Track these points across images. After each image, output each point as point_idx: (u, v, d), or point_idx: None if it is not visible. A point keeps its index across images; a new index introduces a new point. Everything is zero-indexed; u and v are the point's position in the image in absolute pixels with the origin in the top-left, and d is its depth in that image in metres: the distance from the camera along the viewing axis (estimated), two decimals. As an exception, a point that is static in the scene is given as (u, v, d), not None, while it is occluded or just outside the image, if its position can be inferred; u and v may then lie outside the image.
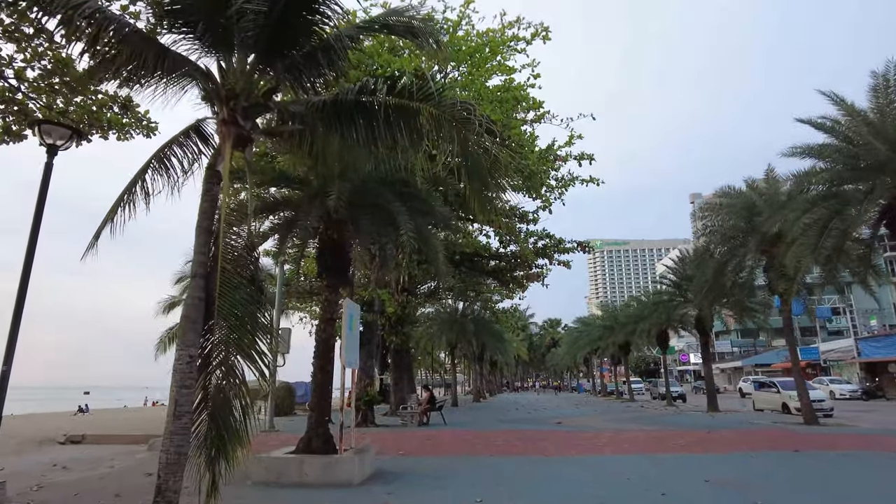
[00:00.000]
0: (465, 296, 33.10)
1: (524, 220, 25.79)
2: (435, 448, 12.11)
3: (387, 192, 9.68)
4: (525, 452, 11.25)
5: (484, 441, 12.98)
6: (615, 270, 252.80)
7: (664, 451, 11.07)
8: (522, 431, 14.69)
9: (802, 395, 15.07)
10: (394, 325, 22.64)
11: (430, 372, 56.85)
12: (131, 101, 10.77)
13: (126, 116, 10.38)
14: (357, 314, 10.33)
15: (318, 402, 9.81)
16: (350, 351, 9.69)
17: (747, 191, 15.18)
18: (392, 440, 13.47)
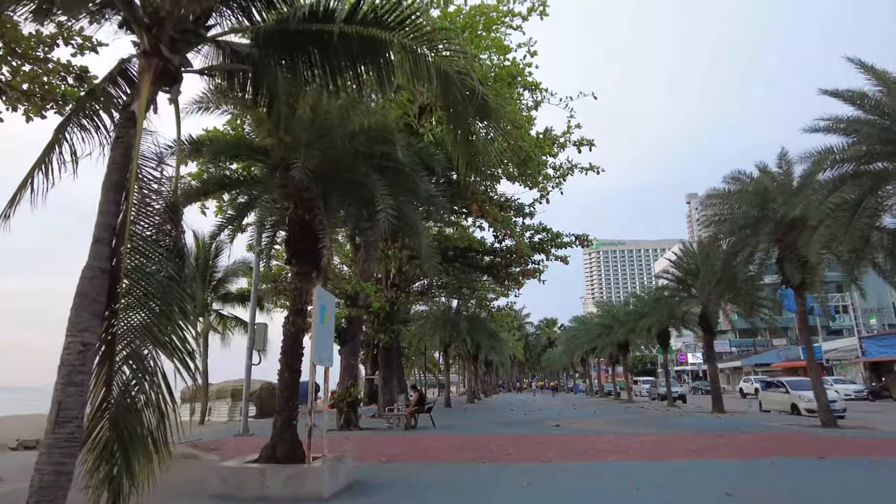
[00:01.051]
0: (458, 293, 31.95)
1: (520, 212, 24.77)
2: (421, 454, 10.97)
3: (363, 165, 8.52)
4: (521, 459, 10.13)
5: (476, 446, 11.84)
6: (611, 271, 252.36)
7: (675, 457, 9.96)
8: (518, 436, 13.56)
9: (820, 395, 13.99)
10: (382, 322, 21.48)
11: (423, 372, 55.65)
12: (87, 72, 9.58)
13: (83, 89, 9.23)
14: (331, 305, 9.17)
15: (285, 403, 8.64)
16: (322, 347, 8.53)
17: (760, 175, 14.09)
18: (375, 445, 12.31)
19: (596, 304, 57.84)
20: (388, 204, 7.83)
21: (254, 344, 14.26)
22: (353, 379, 14.88)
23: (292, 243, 9.10)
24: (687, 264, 21.50)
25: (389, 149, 9.00)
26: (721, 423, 16.05)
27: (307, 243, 8.97)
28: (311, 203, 8.47)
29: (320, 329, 8.45)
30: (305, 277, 8.92)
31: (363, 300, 15.41)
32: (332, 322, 9.16)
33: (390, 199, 7.94)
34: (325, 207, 8.05)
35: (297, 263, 9.10)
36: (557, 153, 17.61)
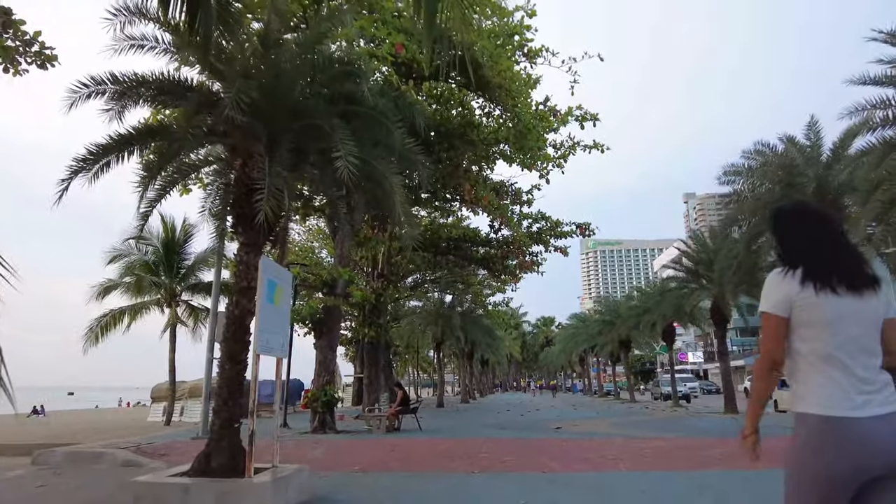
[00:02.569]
0: (452, 287, 30.34)
1: (517, 199, 23.24)
2: (401, 462, 9.35)
3: (323, 105, 6.89)
4: (517, 468, 8.54)
5: (465, 452, 10.23)
6: (608, 270, 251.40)
7: (699, 466, 8.38)
8: (514, 440, 11.94)
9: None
10: (368, 316, 19.86)
11: (416, 370, 54.03)
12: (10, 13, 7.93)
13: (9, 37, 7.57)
14: (285, 282, 7.51)
15: (224, 403, 7.01)
16: (268, 331, 6.89)
17: (787, 146, 12.52)
18: (349, 451, 10.68)
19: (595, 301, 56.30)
20: (350, 151, 6.19)
21: (214, 335, 12.56)
22: (329, 376, 13.24)
23: (237, 206, 7.45)
24: (697, 254, 19.93)
25: (356, 87, 7.39)
26: (739, 426, 14.46)
27: (253, 206, 7.33)
28: (251, 155, 6.85)
29: (266, 310, 6.81)
30: (254, 249, 7.27)
31: (342, 288, 13.77)
32: (286, 304, 7.52)
33: (353, 145, 6.31)
34: (269, 155, 6.41)
35: (244, 232, 7.46)
36: (558, 127, 16.00)
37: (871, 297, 1.68)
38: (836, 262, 1.73)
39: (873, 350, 1.67)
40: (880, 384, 1.64)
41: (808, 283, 1.69)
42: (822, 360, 1.67)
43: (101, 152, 6.83)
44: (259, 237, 7.50)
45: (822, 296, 1.66)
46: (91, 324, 16.69)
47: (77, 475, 8.50)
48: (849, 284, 1.67)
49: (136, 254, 17.50)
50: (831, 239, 1.79)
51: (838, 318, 1.65)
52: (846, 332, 1.65)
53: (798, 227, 1.84)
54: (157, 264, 17.65)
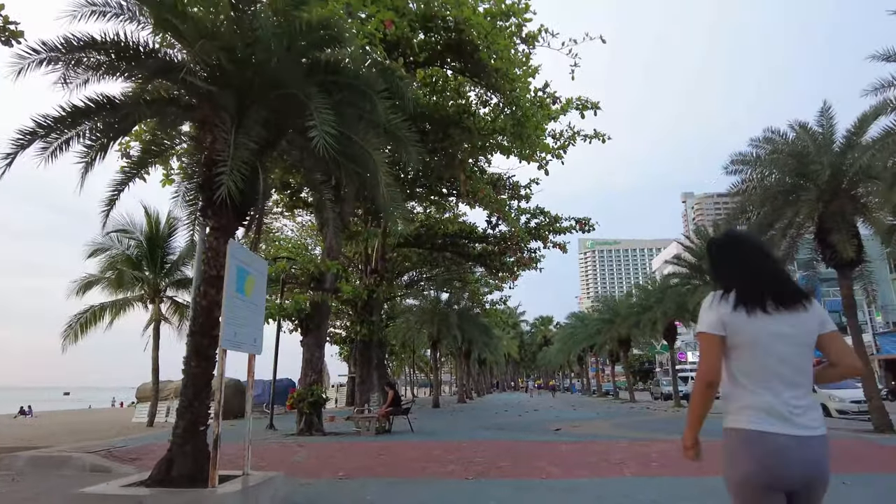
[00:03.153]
0: (449, 285, 29.66)
1: (516, 194, 22.68)
2: (390, 467, 8.68)
3: (300, 74, 6.21)
4: (515, 473, 7.87)
5: (459, 456, 9.56)
6: (606, 270, 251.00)
7: (710, 472, 7.66)
8: (511, 442, 11.27)
9: (874, 395, 11.80)
10: (360, 313, 19.18)
11: (412, 370, 53.33)
12: None
13: None
14: (258, 271, 6.83)
15: (190, 402, 6.35)
16: (237, 324, 6.23)
17: (800, 132, 11.86)
18: (335, 455, 10.01)
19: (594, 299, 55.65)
20: (326, 120, 5.52)
21: None
22: (316, 375, 12.55)
23: (206, 188, 6.75)
24: (700, 249, 19.28)
25: (338, 57, 6.72)
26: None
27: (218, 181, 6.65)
28: (223, 126, 6.16)
29: (235, 300, 6.14)
30: (224, 234, 6.59)
31: (330, 283, 13.08)
32: (259, 295, 6.83)
33: (330, 114, 5.63)
34: (236, 126, 5.73)
35: (214, 215, 6.78)
36: (557, 115, 15.34)
37: (802, 315, 1.72)
38: (766, 283, 1.77)
39: (803, 370, 1.71)
40: (805, 406, 1.71)
41: (740, 306, 1.72)
42: (753, 380, 1.70)
43: (52, 125, 6.14)
44: (229, 221, 6.82)
45: (753, 317, 1.70)
46: (70, 321, 15.97)
47: (36, 482, 7.83)
48: (779, 304, 1.71)
49: (118, 248, 16.79)
50: (761, 263, 1.83)
51: (769, 338, 1.68)
52: (777, 352, 1.68)
53: (730, 253, 1.88)
54: (141, 259, 16.92)
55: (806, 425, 1.69)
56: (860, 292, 13.05)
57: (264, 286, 7.12)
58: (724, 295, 1.81)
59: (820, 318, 1.76)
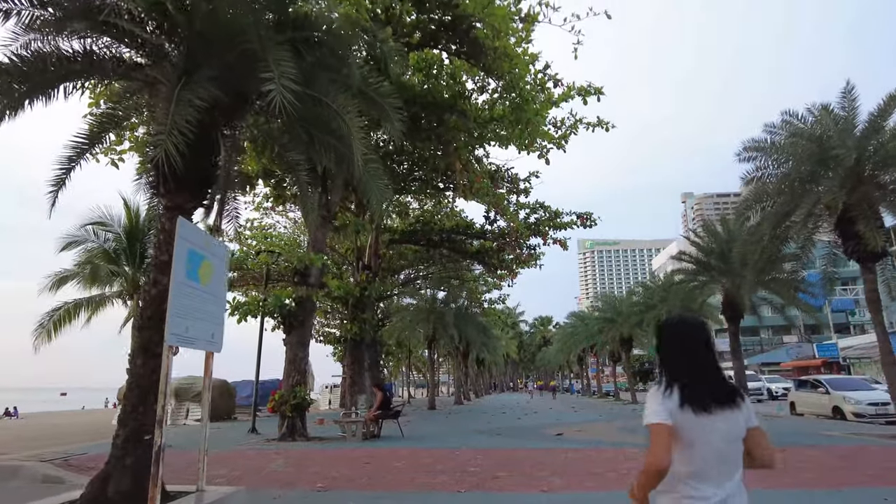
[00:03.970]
0: (446, 283, 28.76)
1: (514, 187, 21.89)
2: (374, 478, 7.81)
3: (264, 29, 5.33)
4: (512, 486, 7.02)
5: (452, 465, 8.69)
6: (606, 271, 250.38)
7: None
8: (509, 450, 10.39)
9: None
10: (351, 311, 18.30)
11: (409, 371, 52.41)
12: None
13: None
14: (217, 257, 5.95)
15: (135, 407, 5.48)
16: (189, 316, 5.37)
17: (822, 114, 10.98)
18: (316, 463, 9.14)
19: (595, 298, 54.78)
20: (286, 73, 4.64)
21: None
22: (300, 375, 11.66)
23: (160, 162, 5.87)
24: (708, 244, 18.42)
25: (307, 12, 5.84)
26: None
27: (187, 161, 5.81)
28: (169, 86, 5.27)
29: (185, 288, 5.27)
30: (179, 214, 5.71)
31: (316, 277, 12.19)
32: (218, 284, 5.94)
33: (292, 67, 4.75)
34: (182, 83, 4.84)
35: (167, 193, 5.92)
36: (559, 101, 14.45)
37: (736, 412, 1.86)
38: (710, 384, 1.88)
39: (736, 462, 1.86)
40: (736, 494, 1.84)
41: (685, 405, 1.83)
42: (694, 473, 1.81)
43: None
44: (185, 199, 5.94)
45: (697, 416, 1.82)
46: (41, 319, 15.04)
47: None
48: (718, 404, 1.84)
49: (94, 241, 15.88)
50: (707, 361, 1.93)
51: (709, 435, 1.81)
52: (715, 447, 1.81)
53: (680, 344, 1.97)
54: (119, 253, 16.02)
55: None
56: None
57: (224, 274, 6.23)
58: (669, 390, 1.90)
59: (748, 414, 1.90)
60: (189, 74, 5.03)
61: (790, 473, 7.65)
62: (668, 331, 2.03)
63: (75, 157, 6.33)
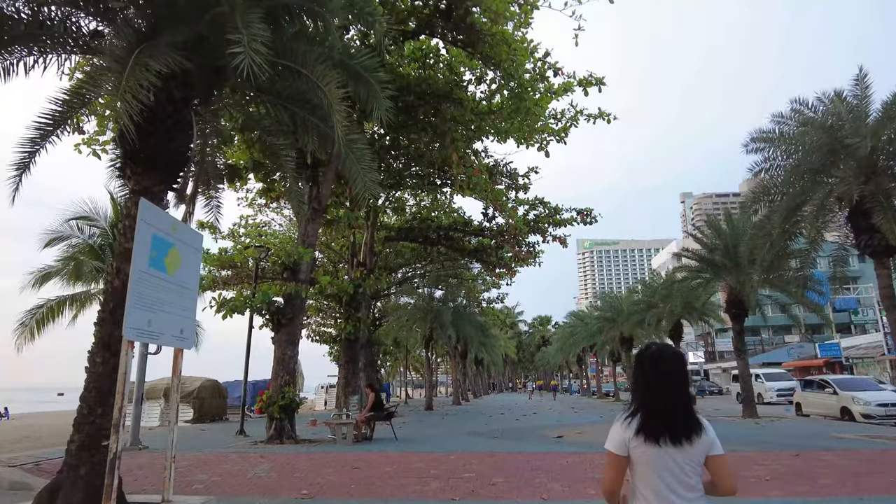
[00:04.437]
0: (443, 282, 28.26)
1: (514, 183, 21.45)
2: (363, 485, 7.32)
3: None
4: (510, 494, 6.54)
5: (446, 470, 8.20)
6: (605, 271, 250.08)
7: (751, 493, 6.36)
8: (507, 454, 9.89)
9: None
10: (345, 309, 17.80)
11: (406, 370, 51.90)
12: None
13: None
14: (187, 244, 5.45)
15: (91, 409, 4.98)
16: (152, 308, 4.88)
17: (835, 101, 10.47)
18: (303, 468, 8.64)
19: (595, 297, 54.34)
20: (256, 36, 4.14)
21: None
22: (288, 375, 11.15)
23: (124, 139, 5.40)
24: (712, 241, 17.91)
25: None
26: (773, 434, 12.45)
27: (155, 139, 5.33)
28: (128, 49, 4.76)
29: (145, 278, 4.76)
30: (147, 197, 5.21)
31: (305, 272, 11.68)
32: (188, 275, 5.45)
33: (263, 30, 4.25)
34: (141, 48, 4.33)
35: (133, 175, 5.43)
36: (560, 92, 13.95)
37: (696, 441, 1.93)
38: (669, 418, 1.94)
39: (691, 485, 1.93)
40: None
41: (640, 434, 1.93)
42: (650, 493, 1.93)
43: None
44: (153, 182, 5.44)
45: (649, 446, 1.91)
46: (23, 317, 14.48)
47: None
48: (674, 439, 1.91)
49: (78, 236, 15.33)
50: (672, 393, 1.97)
51: (665, 460, 1.92)
52: (672, 471, 1.92)
53: (650, 375, 2.02)
54: (104, 248, 15.47)
55: None
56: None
57: (196, 265, 5.72)
58: (630, 418, 1.98)
59: (711, 442, 1.96)
60: (151, 40, 4.53)
61: (807, 480, 7.17)
62: (646, 361, 2.06)
63: (39, 139, 5.82)
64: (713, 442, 1.95)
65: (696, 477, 1.94)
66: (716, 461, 1.95)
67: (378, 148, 16.81)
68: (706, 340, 67.91)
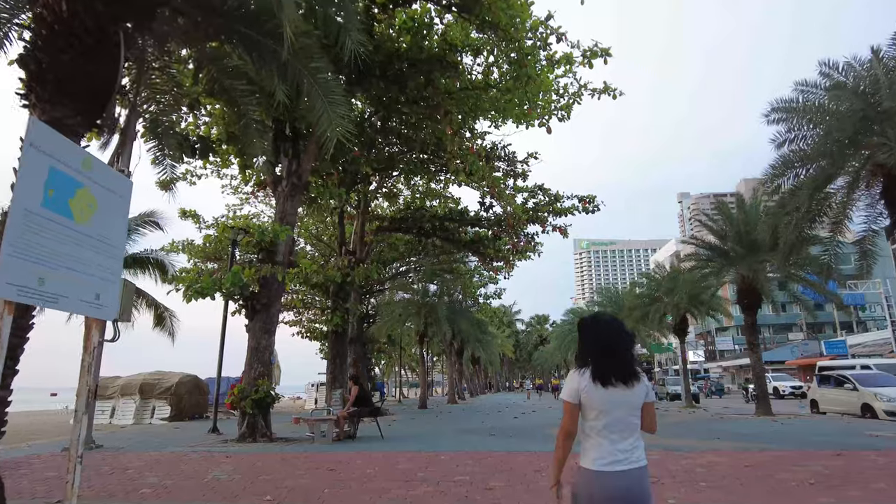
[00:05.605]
0: (438, 276, 27.13)
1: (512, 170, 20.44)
2: (337, 489, 6.24)
3: None
4: (509, 499, 5.47)
5: (436, 472, 7.11)
6: (601, 271, 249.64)
7: (796, 499, 5.32)
8: (505, 454, 8.80)
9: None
10: (334, 299, 16.69)
11: (401, 369, 50.74)
12: None
13: None
14: (106, 185, 4.33)
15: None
16: (46, 260, 3.77)
17: (873, 61, 9.41)
18: (272, 470, 7.54)
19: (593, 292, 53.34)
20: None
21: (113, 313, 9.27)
22: (263, 367, 10.04)
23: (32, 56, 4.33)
24: (721, 226, 16.85)
25: None
26: (800, 431, 11.40)
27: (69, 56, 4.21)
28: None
29: (31, 219, 3.65)
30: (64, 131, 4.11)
31: (284, 253, 10.57)
32: (107, 226, 4.31)
33: None
34: None
35: (39, 102, 4.34)
36: (563, 62, 12.88)
37: (635, 388, 2.29)
38: (612, 365, 2.30)
39: (633, 426, 2.28)
40: (632, 449, 2.24)
41: (595, 381, 2.28)
42: (597, 433, 2.28)
43: None
44: (66, 113, 4.36)
45: (599, 389, 2.26)
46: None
47: None
48: (621, 381, 2.27)
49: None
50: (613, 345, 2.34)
51: (610, 405, 2.25)
52: (614, 414, 2.26)
53: (593, 336, 2.41)
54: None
55: (630, 461, 2.22)
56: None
57: (122, 216, 4.60)
58: (583, 370, 2.34)
59: (647, 390, 2.33)
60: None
61: (857, 483, 6.11)
62: (586, 325, 2.47)
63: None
64: (649, 389, 2.34)
65: (636, 419, 2.28)
66: (648, 406, 2.34)
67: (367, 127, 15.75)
68: (706, 339, 67.04)
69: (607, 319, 2.45)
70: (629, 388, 2.24)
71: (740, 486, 6.04)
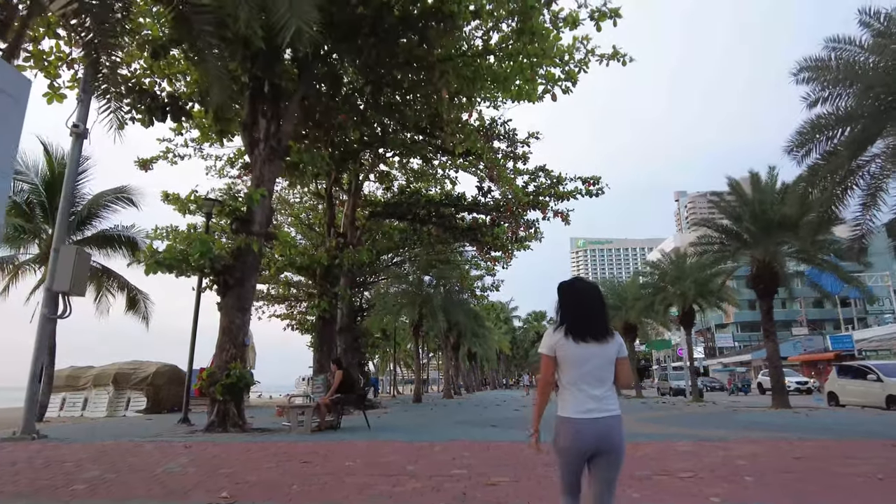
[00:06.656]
0: (433, 266, 26.01)
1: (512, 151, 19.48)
2: (309, 484, 5.16)
3: None
4: (518, 496, 4.41)
5: (427, 466, 6.03)
6: (598, 269, 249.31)
7: (859, 495, 4.29)
8: (509, 444, 7.73)
9: None
10: (321, 283, 15.58)
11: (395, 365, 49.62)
12: None
13: None
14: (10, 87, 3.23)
15: None
16: None
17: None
18: (236, 462, 6.44)
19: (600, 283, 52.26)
20: None
21: (53, 281, 8.08)
22: (236, 349, 8.92)
23: None
24: (735, 207, 15.78)
25: None
26: (835, 422, 10.39)
27: None
28: None
29: None
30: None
31: (261, 222, 9.45)
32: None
33: None
34: None
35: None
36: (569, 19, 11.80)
37: (607, 344, 2.49)
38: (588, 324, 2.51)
39: (605, 378, 2.49)
40: (605, 399, 2.45)
41: (567, 336, 2.51)
42: (572, 385, 2.50)
43: None
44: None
45: (573, 344, 2.48)
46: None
47: None
48: (593, 337, 2.49)
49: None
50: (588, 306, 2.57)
51: (583, 358, 2.47)
52: (587, 367, 2.47)
53: (568, 296, 2.62)
54: (33, 206, 13.22)
55: (602, 409, 2.42)
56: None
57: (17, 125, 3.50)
58: (559, 327, 2.55)
59: (618, 346, 2.53)
60: None
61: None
62: (563, 288, 2.64)
63: None
64: (621, 345, 2.56)
65: (609, 374, 2.50)
66: (622, 362, 2.55)
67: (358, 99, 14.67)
68: (705, 336, 66.14)
69: (584, 284, 2.69)
70: (601, 344, 2.47)
71: (801, 480, 4.99)
